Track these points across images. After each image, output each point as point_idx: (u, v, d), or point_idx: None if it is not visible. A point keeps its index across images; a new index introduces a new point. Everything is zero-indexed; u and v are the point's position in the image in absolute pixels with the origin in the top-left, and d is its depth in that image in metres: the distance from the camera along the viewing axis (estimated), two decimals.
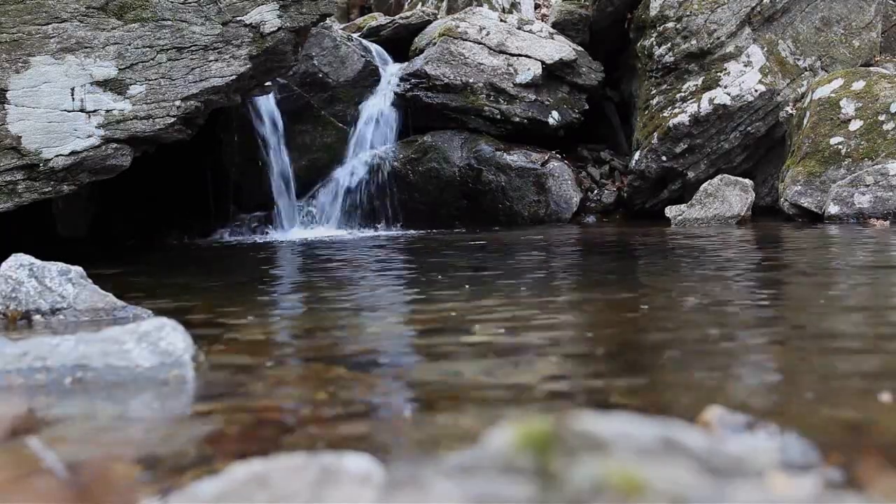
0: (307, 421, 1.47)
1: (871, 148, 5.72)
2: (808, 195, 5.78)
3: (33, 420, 1.47)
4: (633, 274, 3.72)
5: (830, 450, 1.15)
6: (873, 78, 6.01)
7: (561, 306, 2.78)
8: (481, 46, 7.04)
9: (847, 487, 1.02)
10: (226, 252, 5.45)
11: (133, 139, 4.44)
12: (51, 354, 1.75)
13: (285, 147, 6.62)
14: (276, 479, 0.87)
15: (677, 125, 6.49)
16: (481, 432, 0.96)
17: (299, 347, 2.27)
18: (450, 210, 6.77)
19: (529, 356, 1.97)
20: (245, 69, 4.64)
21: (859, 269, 3.39)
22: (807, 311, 2.50)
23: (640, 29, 6.89)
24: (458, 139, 6.84)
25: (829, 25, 6.72)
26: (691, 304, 2.68)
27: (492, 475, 0.76)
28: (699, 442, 0.81)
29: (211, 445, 1.35)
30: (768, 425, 1.22)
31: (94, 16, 4.41)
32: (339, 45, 6.94)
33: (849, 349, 1.91)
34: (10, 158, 4.26)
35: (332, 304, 2.96)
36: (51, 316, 2.50)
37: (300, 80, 6.75)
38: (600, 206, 6.98)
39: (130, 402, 1.62)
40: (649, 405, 1.47)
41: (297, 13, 4.79)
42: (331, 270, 4.21)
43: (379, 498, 0.79)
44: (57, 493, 1.14)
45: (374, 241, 5.72)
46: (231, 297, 3.26)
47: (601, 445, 0.78)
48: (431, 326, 2.41)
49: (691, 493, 0.74)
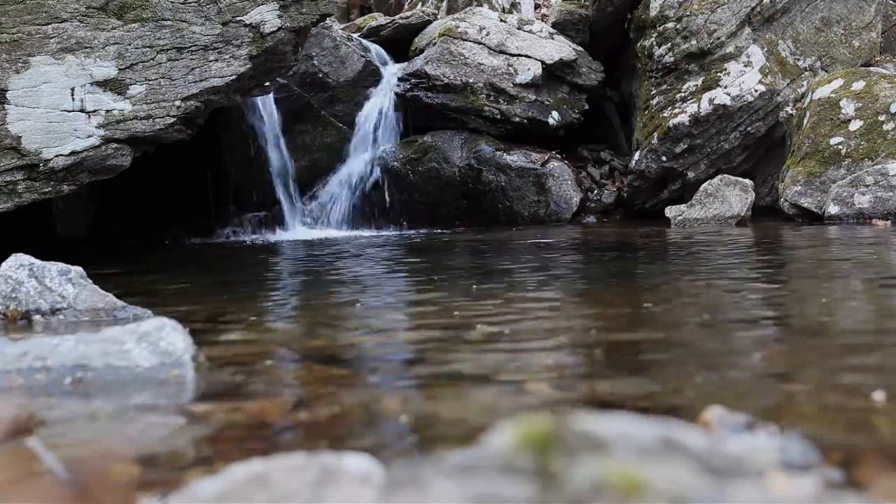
0: (307, 420, 1.47)
1: (871, 148, 5.72)
2: (808, 195, 5.79)
3: (33, 420, 1.47)
4: (632, 274, 3.72)
5: (830, 450, 1.15)
6: (873, 78, 6.01)
7: (561, 306, 2.78)
8: (481, 46, 7.04)
9: (847, 487, 1.01)
10: (226, 252, 5.45)
11: (133, 139, 4.45)
12: (51, 354, 1.75)
13: (285, 147, 6.63)
14: (276, 479, 0.87)
15: (677, 125, 6.49)
16: (481, 432, 0.96)
17: (299, 347, 2.27)
18: (450, 210, 6.77)
19: (529, 356, 1.97)
20: (245, 69, 4.65)
21: (859, 269, 3.38)
22: (807, 310, 2.50)
23: (640, 29, 6.89)
24: (458, 139, 6.84)
25: (829, 25, 6.73)
26: (691, 303, 2.69)
27: (492, 475, 0.76)
28: (699, 442, 0.81)
29: (211, 445, 1.35)
30: (768, 425, 1.22)
31: (94, 16, 4.41)
32: (339, 45, 6.94)
33: (849, 349, 1.91)
34: (10, 158, 4.26)
35: (333, 304, 2.96)
36: (51, 316, 2.50)
37: (300, 80, 6.76)
38: (600, 206, 6.99)
39: (130, 402, 1.62)
40: (649, 405, 1.47)
41: (297, 13, 4.80)
42: (331, 270, 4.21)
43: (379, 498, 0.79)
44: (57, 493, 1.14)
45: (373, 241, 5.72)
46: (231, 296, 3.26)
47: (601, 445, 0.78)
48: (431, 326, 2.41)
49: (691, 493, 0.74)
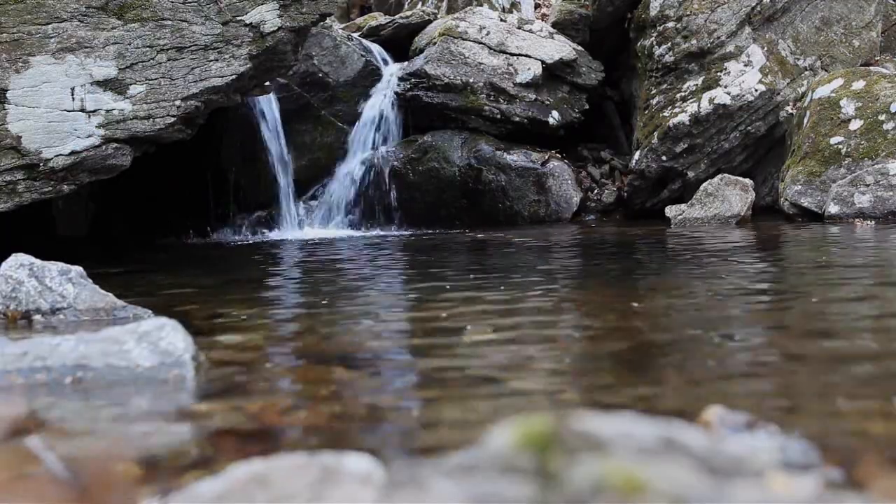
0: (307, 420, 1.47)
1: (871, 148, 5.72)
2: (808, 195, 5.78)
3: (33, 420, 1.47)
4: (633, 274, 3.72)
5: (830, 450, 1.15)
6: (873, 78, 6.01)
7: (561, 306, 2.78)
8: (481, 46, 7.04)
9: (847, 487, 1.01)
10: (226, 252, 5.45)
11: (133, 139, 4.44)
12: (51, 354, 1.75)
13: (285, 147, 6.62)
14: (277, 478, 0.87)
15: (677, 125, 6.49)
16: (481, 432, 0.96)
17: (299, 347, 2.27)
18: (450, 210, 6.77)
19: (530, 356, 1.97)
20: (245, 69, 4.64)
21: (859, 268, 3.38)
22: (807, 310, 2.49)
23: (640, 29, 6.89)
24: (458, 139, 6.84)
25: (829, 25, 6.72)
26: (691, 303, 2.68)
27: (492, 475, 0.76)
28: (699, 442, 0.81)
29: (211, 445, 1.35)
30: (768, 425, 1.22)
31: (94, 15, 4.41)
32: (339, 44, 6.94)
33: (849, 348, 1.91)
34: (10, 158, 4.26)
35: (333, 304, 2.96)
36: (51, 316, 2.50)
37: (300, 80, 6.75)
38: (600, 206, 6.98)
39: (130, 401, 1.62)
40: (649, 405, 1.47)
41: (297, 13, 4.79)
42: (331, 270, 4.21)
43: (379, 498, 0.79)
44: (57, 492, 1.14)
45: (373, 240, 5.72)
46: (231, 296, 3.26)
47: (601, 445, 0.78)
48: (431, 326, 2.41)
49: (691, 493, 0.74)
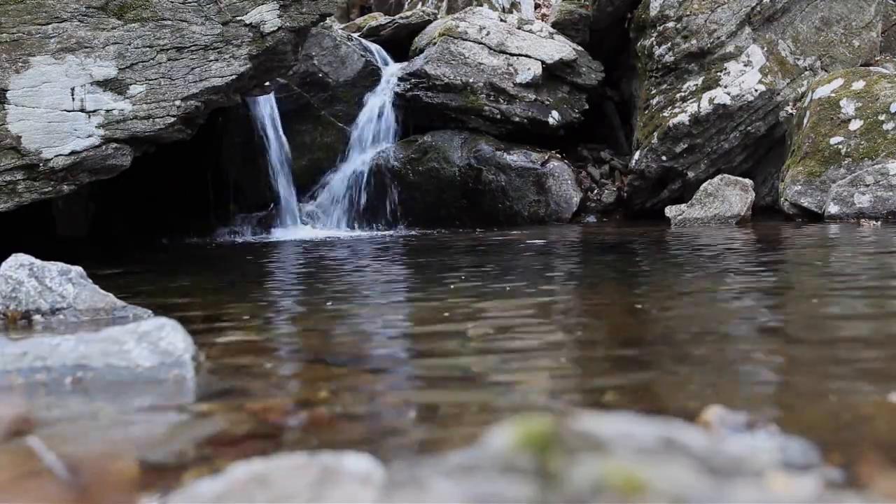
0: (307, 420, 1.47)
1: (871, 148, 5.72)
2: (808, 195, 5.79)
3: (33, 420, 1.47)
4: (632, 273, 3.72)
5: (830, 450, 1.15)
6: (873, 78, 6.01)
7: (561, 306, 2.79)
8: (481, 46, 7.04)
9: (847, 487, 1.01)
10: (226, 252, 5.45)
11: (133, 139, 4.44)
12: (51, 354, 1.75)
13: (285, 147, 6.62)
14: (277, 479, 0.87)
15: (677, 125, 6.49)
16: (481, 432, 0.96)
17: (299, 347, 2.27)
18: (450, 210, 6.77)
19: (530, 355, 1.97)
20: (245, 69, 4.64)
21: (859, 268, 3.38)
22: (807, 310, 2.50)
23: (640, 29, 6.89)
24: (458, 139, 6.84)
25: (829, 25, 6.72)
26: (691, 303, 2.68)
27: (492, 475, 0.76)
28: (699, 442, 0.81)
29: (211, 445, 1.35)
30: (768, 425, 1.22)
31: (94, 16, 4.41)
32: (339, 44, 6.94)
33: (849, 348, 1.91)
34: (10, 158, 4.26)
35: (333, 304, 2.96)
36: (51, 316, 2.50)
37: (300, 80, 6.75)
38: (600, 206, 6.98)
39: (130, 401, 1.62)
40: (649, 405, 1.46)
41: (297, 13, 4.79)
42: (331, 270, 4.21)
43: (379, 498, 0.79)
44: (57, 493, 1.14)
45: (373, 240, 5.72)
46: (231, 296, 3.26)
47: (601, 445, 0.78)
48: (432, 325, 2.41)
49: (691, 493, 0.74)
